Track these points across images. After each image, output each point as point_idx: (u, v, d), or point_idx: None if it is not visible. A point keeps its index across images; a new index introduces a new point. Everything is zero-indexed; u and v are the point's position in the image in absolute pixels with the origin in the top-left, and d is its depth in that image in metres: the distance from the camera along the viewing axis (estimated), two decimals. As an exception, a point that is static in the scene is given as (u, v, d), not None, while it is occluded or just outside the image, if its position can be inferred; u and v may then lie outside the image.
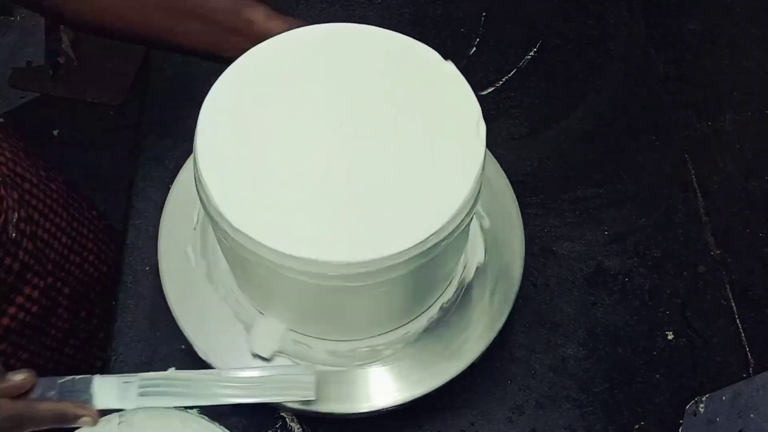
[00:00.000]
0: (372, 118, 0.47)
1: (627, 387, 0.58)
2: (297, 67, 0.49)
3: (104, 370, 0.57)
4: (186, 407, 0.44)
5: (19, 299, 0.61)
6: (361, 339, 0.53)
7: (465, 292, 0.56)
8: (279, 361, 0.51)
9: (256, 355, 0.52)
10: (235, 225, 0.43)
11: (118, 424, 0.43)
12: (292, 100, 0.47)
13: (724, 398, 0.51)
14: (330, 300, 0.47)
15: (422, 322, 0.54)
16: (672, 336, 0.60)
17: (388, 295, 0.48)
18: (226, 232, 0.44)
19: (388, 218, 0.43)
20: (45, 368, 0.67)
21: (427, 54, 0.50)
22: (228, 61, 0.49)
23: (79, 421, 0.46)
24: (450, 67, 0.49)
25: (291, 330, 0.53)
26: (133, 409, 0.43)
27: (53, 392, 0.46)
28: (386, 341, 0.53)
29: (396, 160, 0.45)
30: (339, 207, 0.44)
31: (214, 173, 0.44)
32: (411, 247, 0.43)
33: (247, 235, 0.43)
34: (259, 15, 0.53)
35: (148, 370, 0.56)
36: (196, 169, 0.45)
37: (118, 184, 0.75)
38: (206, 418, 0.43)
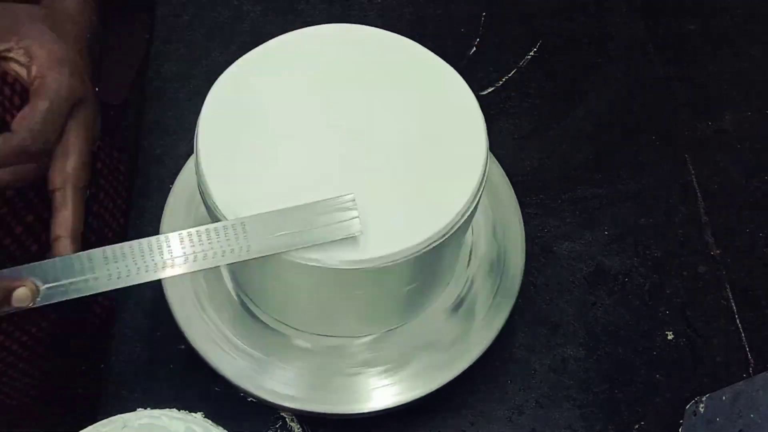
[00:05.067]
0: (371, 119, 0.47)
1: (627, 387, 0.58)
2: (297, 67, 0.49)
3: (104, 370, 0.57)
4: (190, 411, 0.44)
5: None
6: (362, 337, 0.53)
7: (465, 293, 0.56)
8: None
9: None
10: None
11: (123, 428, 0.43)
12: (292, 100, 0.47)
13: (724, 398, 0.51)
14: (331, 300, 0.47)
15: (422, 321, 0.54)
16: (672, 336, 0.60)
17: (388, 294, 0.48)
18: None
19: (388, 219, 0.43)
20: (84, 353, 0.67)
21: (426, 56, 0.50)
22: None
23: (14, 296, 0.39)
24: (449, 69, 0.49)
25: (290, 327, 0.53)
26: (136, 413, 0.43)
27: None
28: (386, 341, 0.53)
29: (396, 160, 0.46)
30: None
31: (216, 174, 0.44)
32: (412, 247, 0.43)
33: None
34: None
35: (148, 371, 0.57)
36: (198, 170, 0.45)
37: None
38: (210, 422, 0.43)
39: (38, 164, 0.42)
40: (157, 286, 0.56)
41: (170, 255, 0.41)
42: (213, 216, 0.45)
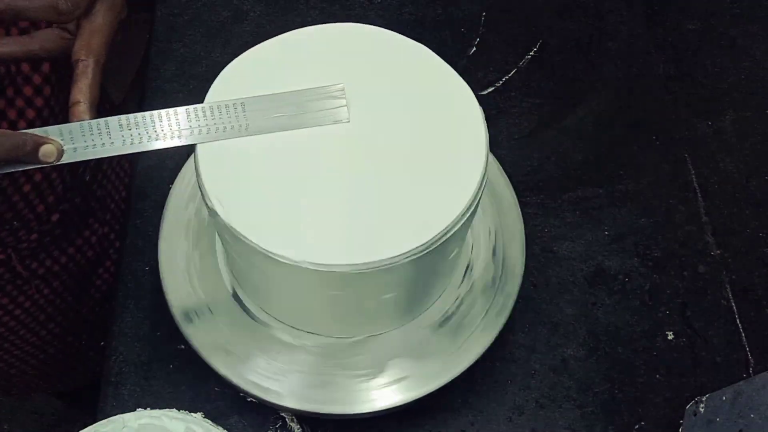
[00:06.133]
0: (372, 119, 0.47)
1: (627, 387, 0.58)
2: (296, 66, 0.49)
3: (104, 365, 0.57)
4: (190, 411, 0.44)
5: (79, 241, 0.65)
6: (361, 338, 0.53)
7: (465, 293, 0.56)
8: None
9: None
10: (235, 228, 0.43)
11: (123, 428, 0.43)
12: (292, 100, 0.47)
13: (724, 398, 0.51)
14: (331, 301, 0.47)
15: (422, 321, 0.54)
16: (672, 336, 0.60)
17: (389, 296, 0.48)
18: (225, 234, 0.44)
19: (388, 221, 0.43)
20: (84, 323, 0.70)
21: (426, 55, 0.50)
22: None
23: (41, 150, 0.42)
24: (449, 68, 0.49)
25: (291, 328, 0.53)
26: (136, 413, 0.43)
27: None
28: (386, 341, 0.53)
29: (396, 160, 0.45)
30: (339, 209, 0.44)
31: (214, 175, 0.44)
32: (412, 250, 0.43)
33: (247, 238, 0.43)
34: None
35: (148, 371, 0.57)
36: (197, 172, 0.45)
37: (118, 183, 0.75)
38: (209, 422, 0.43)
39: (61, 32, 0.46)
40: (156, 286, 0.56)
41: (177, 126, 0.45)
42: (213, 215, 0.45)
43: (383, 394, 0.52)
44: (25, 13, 0.42)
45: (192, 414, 0.44)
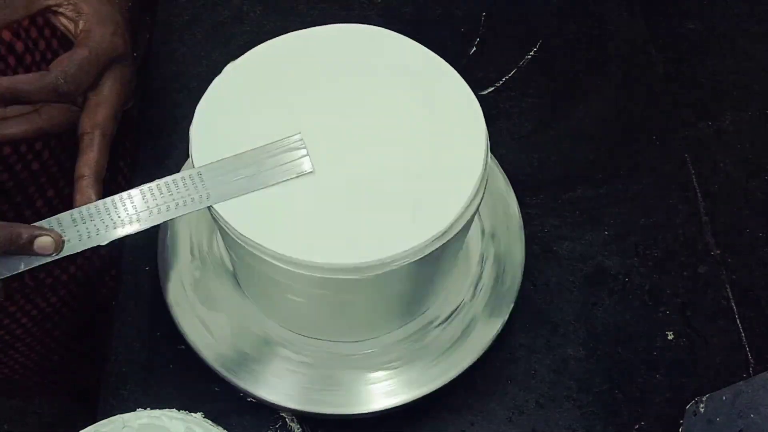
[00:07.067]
0: (372, 120, 0.47)
1: (627, 387, 0.58)
2: (296, 67, 0.49)
3: (105, 365, 0.57)
4: (190, 411, 0.44)
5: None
6: (361, 340, 0.53)
7: (465, 293, 0.56)
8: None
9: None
10: (235, 228, 0.43)
11: (122, 428, 0.43)
12: (290, 100, 0.47)
13: (724, 398, 0.51)
14: (330, 302, 0.47)
15: (422, 322, 0.54)
16: (672, 336, 0.60)
17: (389, 296, 0.48)
18: (226, 234, 0.44)
19: (389, 221, 0.43)
20: (87, 329, 0.70)
21: (426, 55, 0.50)
22: None
23: (37, 242, 0.40)
24: (449, 68, 0.49)
25: (290, 330, 0.53)
26: (136, 413, 0.43)
27: None
28: (386, 341, 0.53)
29: (396, 161, 0.45)
30: (339, 209, 0.44)
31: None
32: (413, 250, 0.43)
33: (248, 238, 0.43)
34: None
35: (148, 371, 0.57)
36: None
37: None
38: (209, 422, 0.43)
39: (69, 106, 0.45)
40: (156, 286, 0.56)
41: (135, 210, 0.42)
42: (213, 218, 0.45)
43: (383, 394, 0.52)
44: (26, 96, 0.41)
45: (192, 414, 0.44)
